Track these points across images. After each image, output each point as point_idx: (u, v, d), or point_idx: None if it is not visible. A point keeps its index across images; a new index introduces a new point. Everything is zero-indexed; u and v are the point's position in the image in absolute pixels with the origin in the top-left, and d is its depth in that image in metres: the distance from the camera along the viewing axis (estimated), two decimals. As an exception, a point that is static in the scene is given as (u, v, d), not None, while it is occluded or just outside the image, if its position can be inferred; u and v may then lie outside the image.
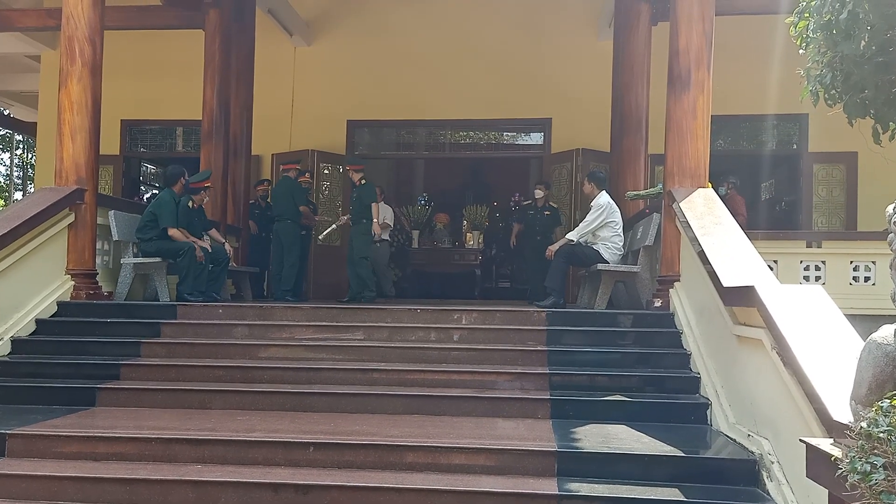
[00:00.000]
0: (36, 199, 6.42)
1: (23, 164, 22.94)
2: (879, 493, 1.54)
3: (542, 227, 9.28)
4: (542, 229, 9.24)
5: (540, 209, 9.37)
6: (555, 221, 9.36)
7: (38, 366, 5.46)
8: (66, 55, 6.49)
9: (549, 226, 9.30)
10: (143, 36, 10.22)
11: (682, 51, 5.94)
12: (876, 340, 2.46)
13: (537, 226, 9.35)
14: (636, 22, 8.34)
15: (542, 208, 9.37)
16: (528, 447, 3.89)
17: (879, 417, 1.71)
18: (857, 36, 2.09)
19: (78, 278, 6.40)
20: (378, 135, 11.44)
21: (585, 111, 9.89)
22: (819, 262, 6.82)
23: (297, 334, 5.79)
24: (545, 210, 9.35)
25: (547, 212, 9.35)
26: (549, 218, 9.32)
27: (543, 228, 9.25)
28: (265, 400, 4.89)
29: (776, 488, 3.45)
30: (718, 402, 4.51)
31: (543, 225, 9.28)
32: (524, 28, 10.55)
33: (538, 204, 9.37)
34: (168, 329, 5.89)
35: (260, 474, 3.77)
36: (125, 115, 11.00)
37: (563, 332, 5.64)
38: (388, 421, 4.50)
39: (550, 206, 9.43)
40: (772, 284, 4.10)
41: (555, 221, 9.36)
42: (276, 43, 10.60)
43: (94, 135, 6.58)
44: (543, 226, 9.27)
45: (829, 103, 2.42)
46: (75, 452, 4.06)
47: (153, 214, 7.07)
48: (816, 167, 10.18)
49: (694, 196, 5.71)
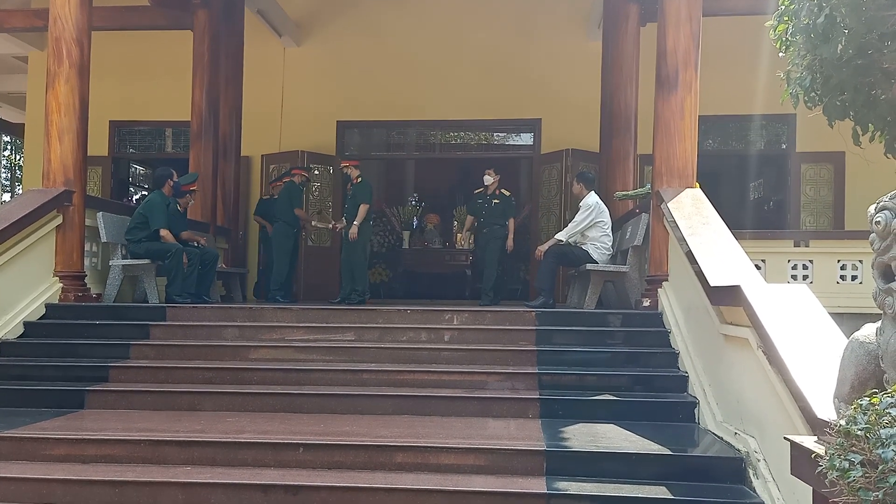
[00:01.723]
0: (23, 200, 6.40)
1: (11, 165, 22.80)
2: (857, 490, 1.56)
3: (489, 216, 8.30)
4: (490, 219, 8.29)
5: (489, 197, 8.40)
6: (505, 210, 8.34)
7: (26, 368, 5.44)
8: (54, 56, 6.47)
9: (498, 215, 8.28)
10: (132, 36, 10.18)
11: (670, 51, 5.97)
12: (858, 339, 2.49)
13: (484, 215, 8.39)
14: (625, 23, 8.38)
15: (491, 196, 8.39)
16: (517, 447, 3.91)
17: (858, 415, 1.73)
18: (834, 39, 2.12)
19: (66, 280, 6.37)
20: (368, 135, 11.43)
21: (575, 112, 9.92)
22: (807, 261, 6.87)
23: (288, 335, 5.78)
24: (494, 198, 8.36)
25: (496, 200, 8.34)
26: (499, 206, 8.30)
27: (491, 217, 8.28)
28: (255, 401, 4.88)
29: (762, 486, 3.48)
30: (706, 401, 4.54)
31: (492, 214, 8.29)
32: (514, 29, 10.57)
33: (488, 191, 8.41)
34: (157, 331, 5.87)
35: (249, 475, 3.77)
36: (114, 116, 10.94)
37: (552, 332, 5.67)
38: (378, 421, 4.51)
39: (501, 194, 8.39)
40: (757, 284, 4.14)
41: (505, 210, 8.34)
42: (266, 43, 10.58)
43: (81, 136, 6.55)
44: (492, 215, 8.28)
45: (809, 106, 2.44)
46: (64, 455, 4.05)
47: (143, 216, 7.04)
48: (804, 167, 10.25)
49: (682, 196, 5.74)
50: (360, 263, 8.14)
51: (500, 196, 8.33)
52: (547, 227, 10.11)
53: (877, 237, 2.36)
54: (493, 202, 8.28)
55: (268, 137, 10.65)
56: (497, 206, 8.26)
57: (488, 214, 8.29)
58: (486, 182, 8.37)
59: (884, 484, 1.52)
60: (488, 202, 8.32)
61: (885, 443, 1.57)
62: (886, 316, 2.34)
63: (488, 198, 8.33)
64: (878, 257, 2.37)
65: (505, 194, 8.40)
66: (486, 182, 8.37)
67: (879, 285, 2.36)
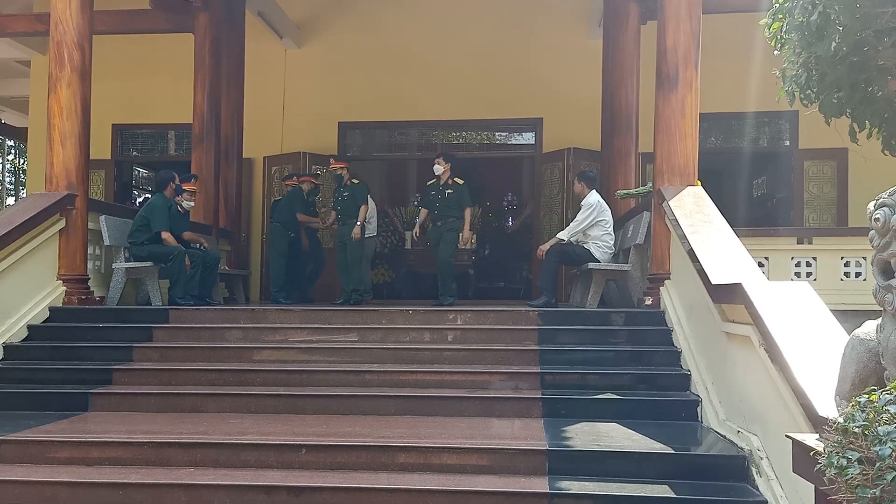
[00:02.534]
0: (26, 204, 6.42)
1: (15, 169, 22.88)
2: (855, 487, 1.56)
3: (443, 207, 7.75)
4: (444, 210, 7.74)
5: (441, 187, 7.80)
6: (460, 200, 7.74)
7: (30, 372, 5.46)
8: (56, 60, 6.49)
9: (452, 206, 7.72)
10: (134, 40, 10.20)
11: (670, 50, 5.96)
12: (859, 336, 2.49)
13: (437, 207, 7.81)
14: (625, 21, 8.37)
15: (444, 186, 7.78)
16: (519, 446, 3.91)
17: (856, 412, 1.73)
18: (829, 36, 2.11)
19: (70, 284, 6.39)
20: (370, 136, 11.44)
21: (576, 110, 9.91)
22: (810, 258, 6.86)
23: (291, 336, 5.79)
24: (447, 188, 7.76)
25: (449, 190, 7.75)
26: (453, 197, 7.72)
27: (445, 209, 7.73)
28: (258, 403, 4.90)
29: (765, 484, 3.48)
30: (709, 399, 4.54)
31: (445, 206, 7.74)
32: (515, 27, 10.56)
33: (440, 181, 7.83)
34: (160, 333, 5.89)
35: (252, 477, 3.78)
36: (116, 119, 10.98)
37: (555, 331, 5.67)
38: (380, 422, 4.51)
39: (455, 183, 7.80)
40: (759, 281, 4.13)
41: (460, 200, 7.74)
42: (267, 45, 10.59)
43: (84, 140, 6.57)
44: (445, 207, 7.73)
45: (805, 103, 2.44)
46: (68, 457, 4.07)
47: (145, 219, 7.06)
48: (807, 164, 10.22)
49: (683, 194, 5.74)
50: (357, 263, 8.05)
51: (453, 185, 7.76)
52: (549, 226, 10.10)
53: (876, 234, 2.36)
54: (447, 192, 7.74)
55: (269, 139, 10.67)
56: (451, 197, 7.72)
57: (442, 206, 7.76)
58: (436, 172, 7.85)
59: (881, 481, 1.52)
60: (441, 193, 7.78)
61: (882, 440, 1.57)
62: (886, 313, 2.34)
63: (441, 188, 7.80)
64: (877, 254, 2.37)
65: (458, 183, 7.82)
66: (436, 172, 7.85)
67: (879, 282, 2.36)
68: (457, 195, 7.76)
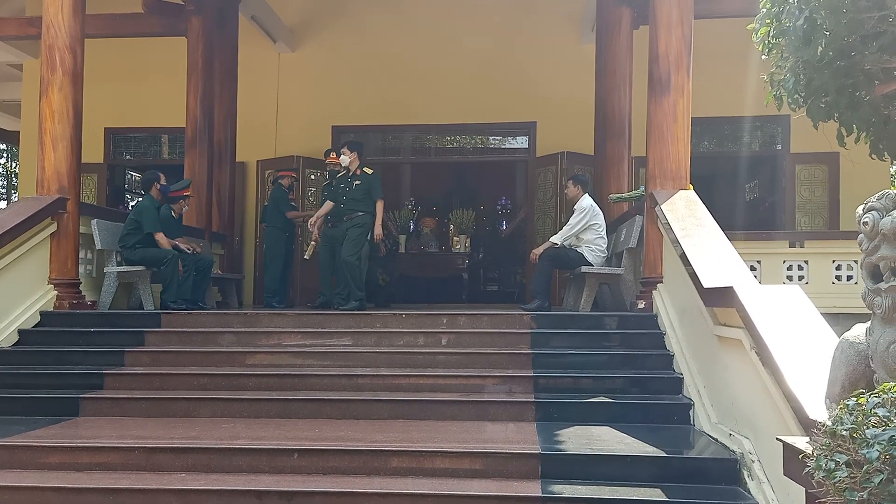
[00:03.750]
0: (17, 208, 6.39)
1: (7, 173, 22.77)
2: (843, 490, 1.57)
3: (350, 200, 7.22)
4: (351, 203, 7.20)
5: (349, 178, 7.32)
6: (370, 191, 7.17)
7: (20, 376, 5.43)
8: (47, 64, 6.47)
9: (360, 198, 7.15)
10: (127, 43, 10.18)
11: (662, 55, 5.99)
12: (848, 339, 2.50)
13: (344, 200, 7.29)
14: (618, 26, 8.40)
15: (352, 177, 7.29)
16: (512, 450, 3.91)
17: (844, 415, 1.74)
18: (815, 41, 2.13)
19: (61, 288, 6.37)
20: (363, 140, 11.35)
21: (570, 114, 9.93)
22: (802, 261, 6.88)
23: (284, 341, 5.78)
24: (355, 179, 7.24)
25: (357, 181, 7.22)
26: (361, 188, 7.18)
27: (352, 202, 7.19)
28: (250, 407, 4.88)
29: (757, 487, 3.49)
30: (701, 402, 4.55)
31: (353, 197, 7.20)
32: (508, 33, 10.59)
33: (349, 172, 7.36)
34: (152, 337, 5.87)
35: (244, 482, 3.76)
36: (109, 122, 10.94)
37: (548, 335, 5.67)
38: (373, 426, 4.50)
39: (364, 174, 7.25)
40: (750, 285, 4.15)
41: (370, 191, 7.17)
42: (260, 49, 10.59)
43: (75, 143, 6.55)
44: (353, 199, 7.19)
45: (793, 108, 2.46)
46: (58, 463, 4.04)
47: (135, 222, 7.02)
48: (798, 168, 10.27)
49: (675, 198, 5.76)
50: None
51: (361, 176, 7.21)
52: (543, 229, 10.11)
53: (865, 238, 2.38)
54: (355, 184, 7.21)
55: (263, 143, 10.66)
56: (359, 188, 7.18)
57: (349, 199, 7.22)
58: (343, 163, 7.40)
59: (869, 484, 1.53)
60: (349, 184, 7.27)
61: (870, 443, 1.58)
62: (876, 316, 2.35)
63: (349, 179, 7.29)
64: (866, 257, 2.39)
65: (367, 172, 7.28)
66: (343, 163, 7.40)
67: (868, 285, 2.38)
68: (366, 186, 7.20)
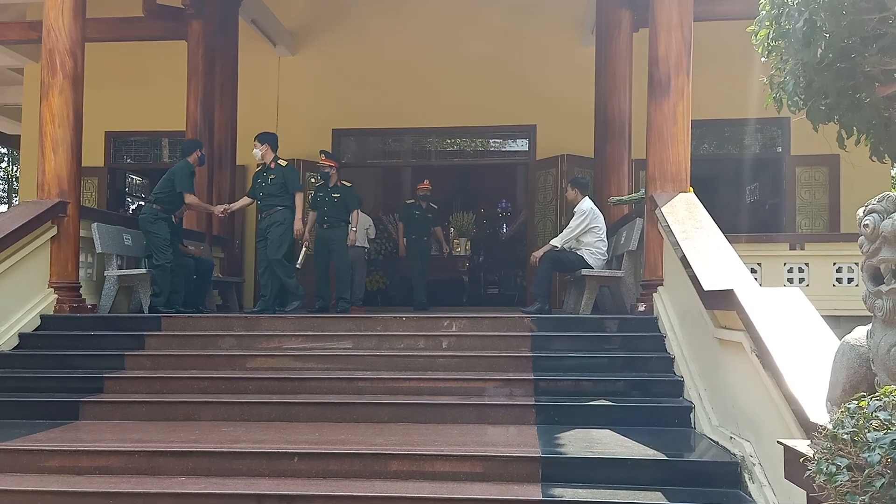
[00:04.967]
0: (18, 212, 6.39)
1: (8, 176, 22.79)
2: (844, 494, 1.56)
3: (266, 197, 7.33)
4: (268, 200, 7.31)
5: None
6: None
7: (21, 380, 5.42)
8: (48, 68, 6.47)
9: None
10: (127, 47, 10.18)
11: (662, 57, 5.99)
12: (849, 342, 2.50)
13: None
14: (618, 28, 8.41)
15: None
16: (512, 453, 3.90)
17: (845, 419, 1.74)
18: (815, 43, 2.13)
19: (61, 291, 6.36)
20: (364, 143, 11.45)
21: (570, 117, 9.94)
22: (802, 264, 6.87)
23: (285, 344, 5.77)
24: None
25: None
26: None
27: (268, 199, 7.29)
28: (251, 410, 4.87)
29: (758, 490, 3.48)
30: (702, 405, 4.54)
31: (268, 195, 7.30)
32: (508, 35, 10.60)
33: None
34: (153, 341, 5.86)
35: (244, 485, 3.75)
36: (110, 126, 10.95)
37: (548, 338, 5.66)
38: (373, 430, 4.50)
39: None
40: (751, 287, 4.14)
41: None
42: (261, 53, 10.59)
43: (76, 147, 6.55)
44: (268, 196, 7.30)
45: (793, 110, 2.45)
46: (59, 466, 4.03)
47: (170, 181, 7.21)
48: (799, 170, 10.27)
49: (675, 201, 5.75)
50: (345, 270, 8.01)
51: (276, 169, 7.39)
52: (543, 232, 10.11)
53: (865, 240, 2.38)
54: (270, 178, 7.37)
55: (263, 146, 10.65)
56: (275, 182, 7.33)
57: (265, 194, 7.38)
58: (256, 157, 7.58)
59: (870, 488, 1.52)
60: (264, 178, 7.43)
61: (871, 446, 1.57)
62: (876, 318, 2.35)
63: (264, 174, 7.46)
64: (867, 260, 2.39)
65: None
66: (256, 157, 7.58)
67: (869, 288, 2.38)
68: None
